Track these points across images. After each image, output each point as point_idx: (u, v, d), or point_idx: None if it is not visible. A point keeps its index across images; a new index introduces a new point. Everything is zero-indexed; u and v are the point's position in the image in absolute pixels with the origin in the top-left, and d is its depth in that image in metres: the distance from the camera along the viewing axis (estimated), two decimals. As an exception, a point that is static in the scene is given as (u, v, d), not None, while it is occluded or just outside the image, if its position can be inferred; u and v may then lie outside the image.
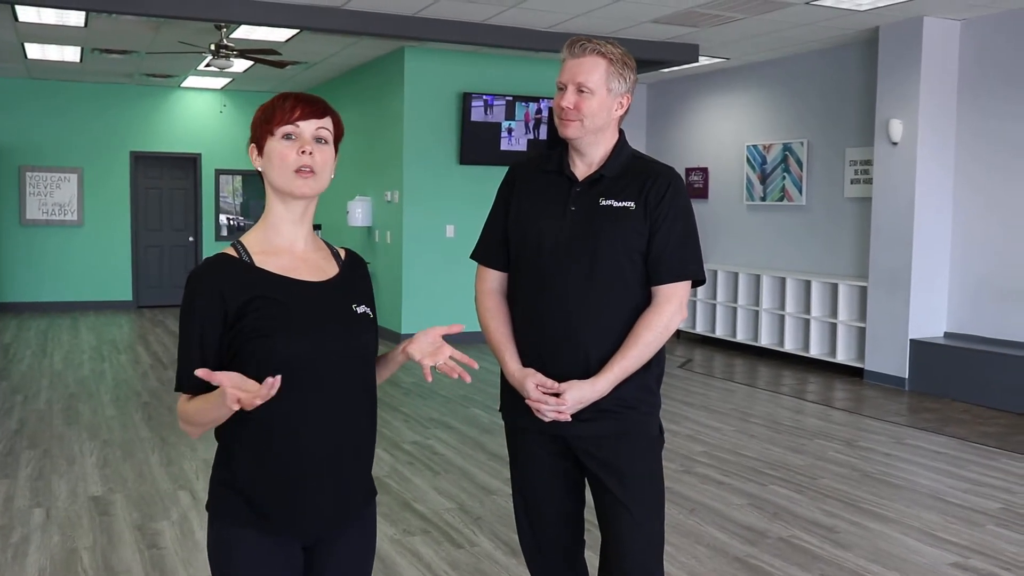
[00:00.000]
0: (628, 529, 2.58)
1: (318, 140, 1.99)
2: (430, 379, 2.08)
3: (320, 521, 2.02)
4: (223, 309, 1.92)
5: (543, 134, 10.78)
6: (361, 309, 2.07)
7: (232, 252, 2.00)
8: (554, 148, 2.70)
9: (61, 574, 4.04)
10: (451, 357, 2.12)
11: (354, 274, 2.13)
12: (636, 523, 2.58)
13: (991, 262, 8.13)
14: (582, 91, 2.53)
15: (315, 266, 2.05)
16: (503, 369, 2.64)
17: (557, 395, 2.51)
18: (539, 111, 10.73)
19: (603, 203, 2.55)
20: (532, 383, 2.53)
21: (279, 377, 1.75)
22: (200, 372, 1.77)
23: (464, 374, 2.11)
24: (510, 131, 10.64)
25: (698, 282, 2.62)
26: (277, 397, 1.89)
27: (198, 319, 1.94)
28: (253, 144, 2.03)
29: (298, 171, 1.96)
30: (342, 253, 2.15)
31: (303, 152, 1.96)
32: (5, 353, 9.88)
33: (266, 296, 1.94)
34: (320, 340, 1.96)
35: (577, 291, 2.53)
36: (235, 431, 1.97)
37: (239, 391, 1.75)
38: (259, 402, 1.76)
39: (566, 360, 2.53)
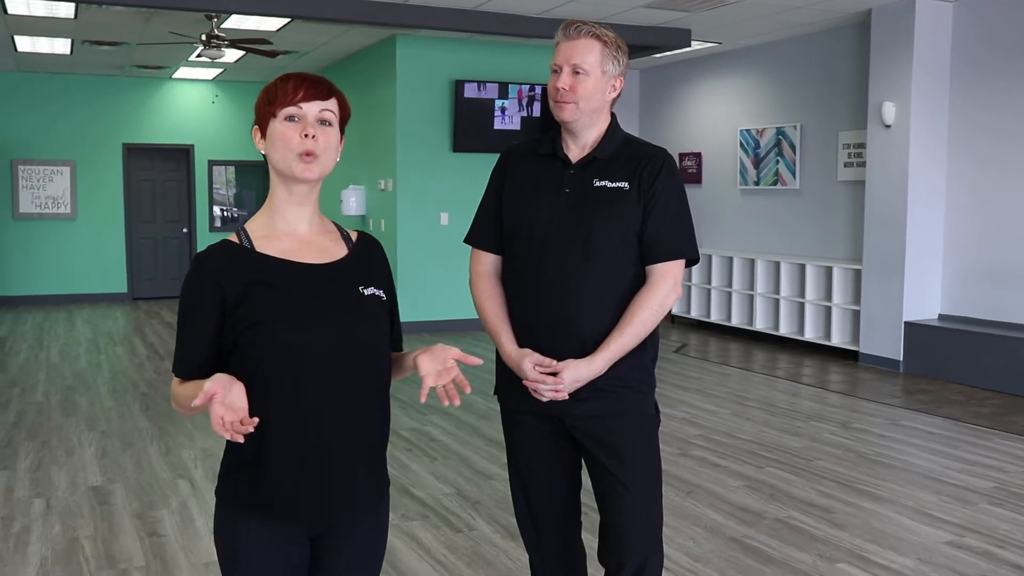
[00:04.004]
0: (626, 507, 2.60)
1: (322, 122, 1.94)
2: (423, 400, 1.95)
3: (323, 511, 1.97)
4: (221, 296, 1.90)
5: (536, 111, 10.74)
6: (370, 291, 2.01)
7: (234, 239, 1.98)
8: (547, 129, 2.71)
9: (63, 563, 4.06)
10: (453, 381, 1.99)
11: (366, 255, 2.07)
12: (634, 501, 2.60)
13: (984, 244, 8.15)
14: (577, 72, 2.54)
15: (320, 248, 2.01)
16: (499, 350, 2.66)
17: (554, 374, 2.53)
18: (532, 89, 10.70)
19: (597, 184, 2.57)
20: (529, 363, 2.55)
21: (255, 420, 1.75)
22: (197, 402, 1.75)
23: (456, 399, 2.00)
24: (503, 110, 10.61)
25: (692, 261, 2.63)
26: (277, 383, 1.89)
27: (195, 306, 1.93)
28: (256, 127, 1.99)
29: (301, 155, 1.91)
30: (354, 236, 2.09)
31: (306, 135, 1.91)
32: (1, 346, 9.87)
33: (264, 282, 1.91)
34: (319, 323, 1.92)
35: (572, 271, 2.54)
36: None
37: (223, 406, 1.73)
38: (239, 432, 1.74)
39: (562, 340, 2.55)
